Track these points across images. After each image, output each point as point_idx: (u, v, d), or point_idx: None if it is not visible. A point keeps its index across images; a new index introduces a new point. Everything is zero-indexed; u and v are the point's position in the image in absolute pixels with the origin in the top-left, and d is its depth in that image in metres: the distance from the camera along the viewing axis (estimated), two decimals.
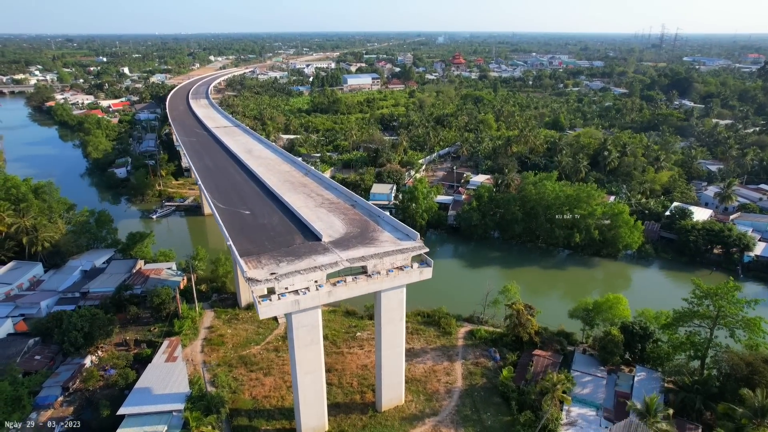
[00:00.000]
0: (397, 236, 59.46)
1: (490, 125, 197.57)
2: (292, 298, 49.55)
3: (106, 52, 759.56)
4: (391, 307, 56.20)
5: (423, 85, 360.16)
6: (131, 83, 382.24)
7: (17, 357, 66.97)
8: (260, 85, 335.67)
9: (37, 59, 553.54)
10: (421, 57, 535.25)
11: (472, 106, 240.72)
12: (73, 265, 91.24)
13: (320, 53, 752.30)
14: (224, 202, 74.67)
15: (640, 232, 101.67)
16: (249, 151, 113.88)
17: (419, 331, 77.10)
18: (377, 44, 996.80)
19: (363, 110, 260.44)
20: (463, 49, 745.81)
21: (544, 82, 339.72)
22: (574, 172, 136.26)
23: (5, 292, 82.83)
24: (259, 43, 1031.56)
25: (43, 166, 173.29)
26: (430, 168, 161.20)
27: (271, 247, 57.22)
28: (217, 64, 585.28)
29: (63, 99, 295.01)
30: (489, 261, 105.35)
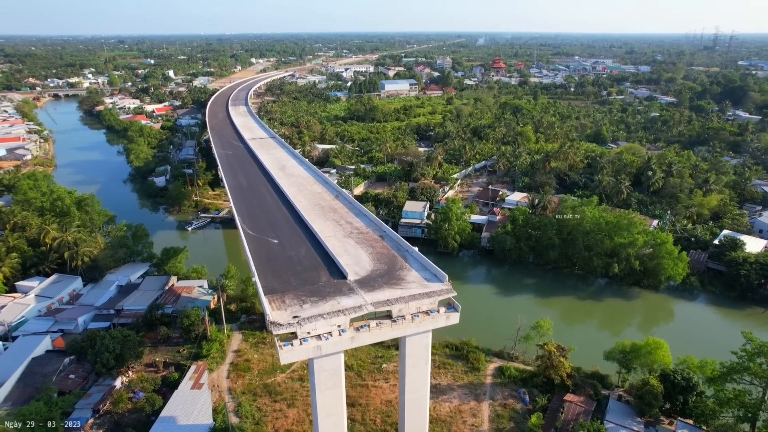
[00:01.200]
0: (425, 276, 57.83)
1: (528, 137, 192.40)
2: (314, 343, 48.70)
3: (154, 53, 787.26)
4: (416, 351, 54.59)
5: (461, 91, 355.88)
6: (175, 86, 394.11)
7: (53, 375, 69.09)
8: (298, 90, 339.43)
9: (91, 62, 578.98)
10: (460, 61, 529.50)
11: (510, 117, 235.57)
12: (110, 279, 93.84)
13: (359, 55, 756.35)
14: (254, 228, 74.82)
15: (685, 264, 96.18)
16: (282, 168, 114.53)
17: (446, 365, 75.20)
18: (417, 46, 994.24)
19: (399, 118, 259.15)
20: (504, 52, 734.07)
21: (586, 90, 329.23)
22: (615, 193, 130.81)
23: (47, 305, 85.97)
24: (300, 44, 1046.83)
25: (89, 172, 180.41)
26: (465, 183, 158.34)
27: (296, 284, 56.64)
28: (258, 67, 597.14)
29: (111, 103, 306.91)
30: (522, 288, 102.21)
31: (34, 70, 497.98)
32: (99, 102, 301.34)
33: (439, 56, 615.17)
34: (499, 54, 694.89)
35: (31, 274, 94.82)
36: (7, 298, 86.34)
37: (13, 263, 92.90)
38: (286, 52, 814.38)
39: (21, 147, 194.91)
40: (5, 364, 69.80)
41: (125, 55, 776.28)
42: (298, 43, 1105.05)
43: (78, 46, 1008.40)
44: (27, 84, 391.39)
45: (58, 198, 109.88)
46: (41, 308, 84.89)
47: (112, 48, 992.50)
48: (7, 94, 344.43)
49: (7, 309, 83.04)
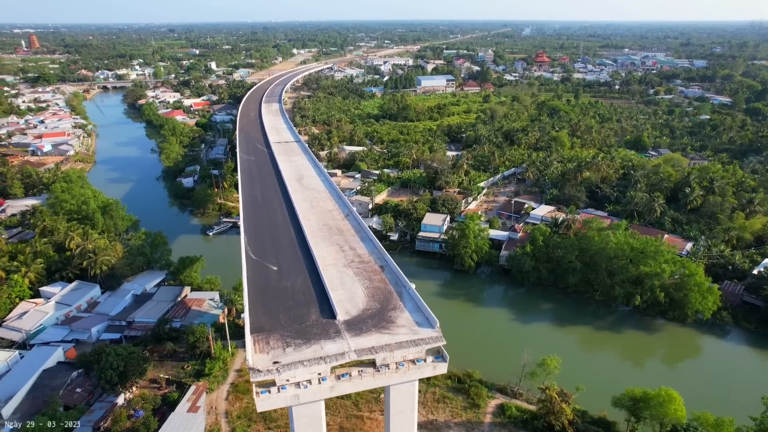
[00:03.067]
0: (417, 319, 55.90)
1: (563, 143, 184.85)
2: (293, 392, 47.92)
3: (200, 43, 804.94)
4: (401, 400, 53.02)
5: (500, 87, 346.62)
6: (216, 79, 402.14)
7: (61, 389, 71.52)
8: (334, 85, 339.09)
9: (140, 52, 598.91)
10: (502, 54, 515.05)
11: (546, 119, 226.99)
12: (126, 288, 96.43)
13: (401, 46, 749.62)
14: (257, 251, 74.60)
15: (716, 297, 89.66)
16: (300, 178, 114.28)
17: (446, 399, 73.09)
18: (460, 36, 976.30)
19: (433, 117, 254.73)
20: (549, 44, 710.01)
21: (631, 88, 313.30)
22: (647, 211, 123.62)
23: (65, 313, 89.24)
24: (343, 33, 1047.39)
25: (125, 169, 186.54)
26: (491, 192, 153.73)
27: (284, 322, 55.95)
28: (299, 58, 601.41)
29: (153, 97, 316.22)
30: (539, 312, 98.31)
31: (88, 61, 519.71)
32: (142, 95, 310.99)
33: (481, 48, 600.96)
34: (545, 46, 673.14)
35: (56, 279, 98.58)
36: (30, 304, 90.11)
37: (38, 268, 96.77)
38: (328, 42, 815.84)
39: (65, 143, 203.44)
40: (18, 375, 72.77)
41: (173, 45, 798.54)
42: (342, 32, 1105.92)
43: (131, 35, 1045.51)
44: (79, 76, 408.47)
45: (84, 202, 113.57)
46: (59, 316, 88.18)
47: (162, 37, 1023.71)
48: (60, 86, 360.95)
49: (28, 316, 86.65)
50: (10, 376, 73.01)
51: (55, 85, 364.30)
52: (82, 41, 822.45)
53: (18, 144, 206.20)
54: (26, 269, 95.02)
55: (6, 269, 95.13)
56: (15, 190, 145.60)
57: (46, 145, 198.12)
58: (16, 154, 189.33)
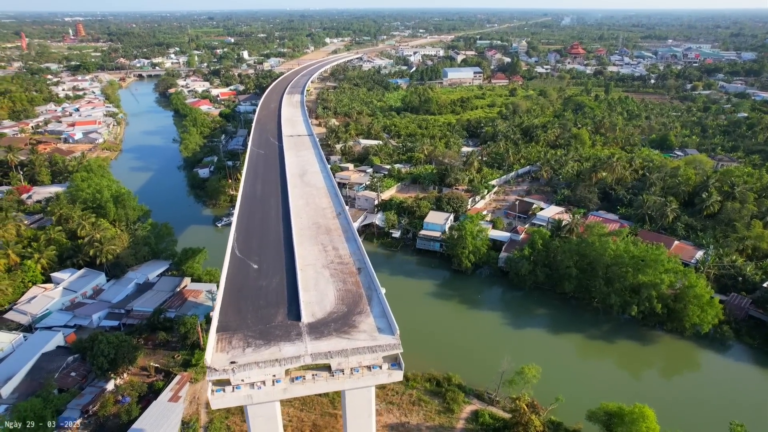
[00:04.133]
0: (379, 325, 56.37)
1: (583, 141, 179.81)
2: (246, 392, 49.40)
3: (236, 31, 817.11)
4: (357, 404, 53.80)
5: (529, 80, 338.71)
6: (246, 68, 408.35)
7: (56, 372, 75.71)
8: (360, 76, 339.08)
9: (176, 41, 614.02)
10: (536, 45, 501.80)
11: (570, 115, 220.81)
12: (130, 277, 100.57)
13: (435, 36, 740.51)
14: (242, 249, 76.35)
15: (717, 311, 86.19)
16: (303, 174, 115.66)
17: (422, 402, 73.43)
18: (497, 25, 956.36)
19: (455, 111, 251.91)
20: (588, 35, 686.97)
21: (667, 83, 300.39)
22: (659, 216, 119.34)
23: (71, 299, 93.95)
24: (379, 22, 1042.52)
25: (148, 158, 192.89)
26: (501, 191, 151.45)
27: (251, 322, 57.39)
28: (331, 47, 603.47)
29: (184, 86, 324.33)
30: (533, 318, 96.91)
31: (128, 49, 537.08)
32: (172, 84, 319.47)
33: (516, 39, 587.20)
34: (583, 36, 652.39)
35: (67, 265, 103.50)
36: (39, 289, 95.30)
37: (51, 255, 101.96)
38: (362, 31, 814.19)
39: (95, 131, 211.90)
40: (19, 358, 77.40)
41: (210, 33, 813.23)
42: (378, 20, 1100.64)
43: (172, 23, 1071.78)
44: (117, 64, 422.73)
45: (99, 191, 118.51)
46: (65, 302, 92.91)
47: (201, 25, 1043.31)
48: (98, 74, 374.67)
49: (37, 300, 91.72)
50: (11, 357, 77.71)
51: (94, 73, 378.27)
52: (125, 29, 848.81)
53: (53, 131, 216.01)
54: (39, 255, 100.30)
55: (21, 255, 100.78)
56: (42, 177, 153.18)
57: (77, 133, 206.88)
58: (49, 142, 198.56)
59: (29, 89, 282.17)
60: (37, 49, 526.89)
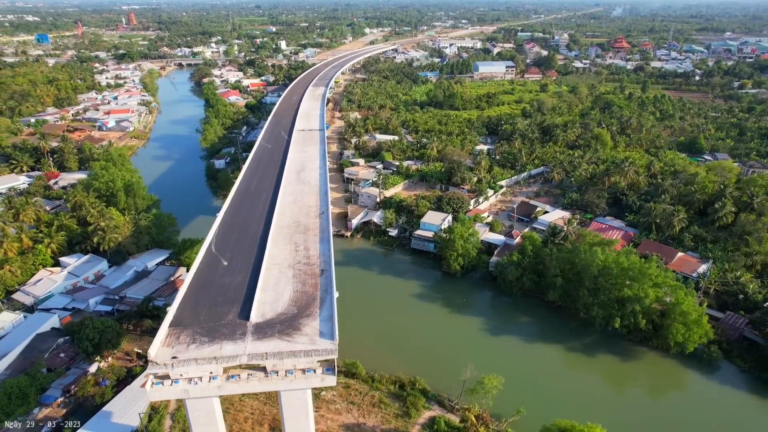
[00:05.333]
0: (323, 329, 57.64)
1: (604, 142, 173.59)
2: (183, 387, 51.84)
3: (279, 20, 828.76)
4: (293, 406, 55.33)
5: (564, 75, 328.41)
6: (282, 59, 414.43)
7: (47, 353, 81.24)
8: (390, 69, 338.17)
9: (219, 30, 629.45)
10: (577, 38, 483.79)
11: (597, 114, 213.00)
12: (130, 264, 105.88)
13: (476, 27, 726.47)
14: (218, 245, 79.10)
15: (705, 331, 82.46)
16: (301, 170, 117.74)
17: (383, 404, 74.28)
18: (543, 16, 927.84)
19: (480, 106, 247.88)
20: (638, 27, 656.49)
21: (712, 81, 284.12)
22: (666, 225, 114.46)
23: (72, 283, 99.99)
24: (423, 12, 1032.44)
25: (173, 147, 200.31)
26: (510, 192, 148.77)
27: (203, 319, 59.84)
28: (369, 38, 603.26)
29: (219, 75, 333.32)
30: (513, 326, 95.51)
31: (173, 38, 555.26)
32: (207, 74, 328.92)
33: (559, 31, 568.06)
34: (633, 29, 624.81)
35: (75, 251, 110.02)
36: (47, 272, 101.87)
37: (61, 240, 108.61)
38: (404, 21, 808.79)
39: (127, 119, 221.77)
40: (16, 337, 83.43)
41: (254, 22, 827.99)
42: (422, 10, 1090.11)
43: (221, 12, 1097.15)
44: (160, 53, 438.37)
45: (112, 180, 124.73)
46: (67, 285, 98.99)
47: (248, 13, 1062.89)
48: (141, 63, 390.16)
49: (42, 283, 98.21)
50: (9, 336, 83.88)
51: (138, 61, 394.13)
52: (175, 18, 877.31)
53: (89, 119, 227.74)
54: (49, 240, 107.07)
55: (33, 239, 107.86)
56: (70, 164, 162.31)
57: (110, 121, 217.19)
58: (84, 129, 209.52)
59: (74, 77, 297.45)
60: (90, 38, 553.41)
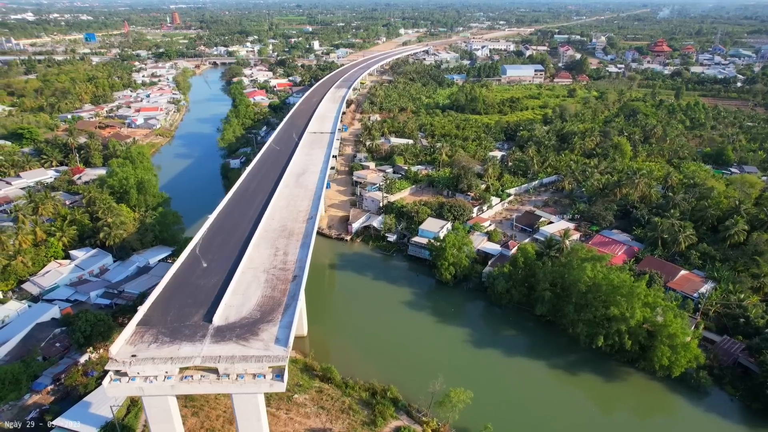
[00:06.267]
0: (279, 336, 59.01)
1: (623, 151, 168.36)
2: (139, 384, 54.16)
3: (317, 20, 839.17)
4: (244, 409, 56.81)
5: (595, 80, 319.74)
6: (314, 59, 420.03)
7: (43, 342, 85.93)
8: (416, 71, 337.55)
9: (257, 29, 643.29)
10: (615, 42, 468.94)
11: (621, 121, 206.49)
12: (133, 260, 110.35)
13: (513, 29, 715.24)
14: (203, 247, 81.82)
15: (694, 355, 79.27)
16: (301, 174, 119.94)
17: (351, 410, 74.91)
18: (585, 18, 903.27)
19: (503, 111, 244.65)
20: (685, 29, 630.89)
21: (754, 87, 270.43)
22: (672, 242, 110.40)
23: (78, 275, 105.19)
24: (461, 12, 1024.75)
25: (195, 145, 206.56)
26: (518, 200, 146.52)
27: (170, 319, 62.25)
28: (403, 39, 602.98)
29: (249, 74, 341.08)
30: (498, 338, 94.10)
31: (212, 37, 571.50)
32: (238, 73, 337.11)
33: (597, 34, 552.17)
34: (678, 31, 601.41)
35: (86, 244, 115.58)
36: (56, 264, 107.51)
37: (72, 234, 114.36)
38: (440, 21, 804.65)
39: (154, 117, 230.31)
40: (18, 325, 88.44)
41: (292, 21, 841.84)
42: (461, 10, 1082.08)
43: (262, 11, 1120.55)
44: (197, 52, 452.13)
45: (125, 177, 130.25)
46: (73, 278, 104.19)
47: (288, 12, 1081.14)
48: (177, 61, 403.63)
49: (50, 274, 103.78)
50: (12, 324, 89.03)
51: (175, 60, 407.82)
52: (216, 17, 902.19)
53: (121, 116, 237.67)
54: (61, 234, 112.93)
55: (47, 231, 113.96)
56: (95, 160, 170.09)
57: (139, 118, 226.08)
58: (114, 126, 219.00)
59: (113, 75, 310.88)
60: (134, 37, 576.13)
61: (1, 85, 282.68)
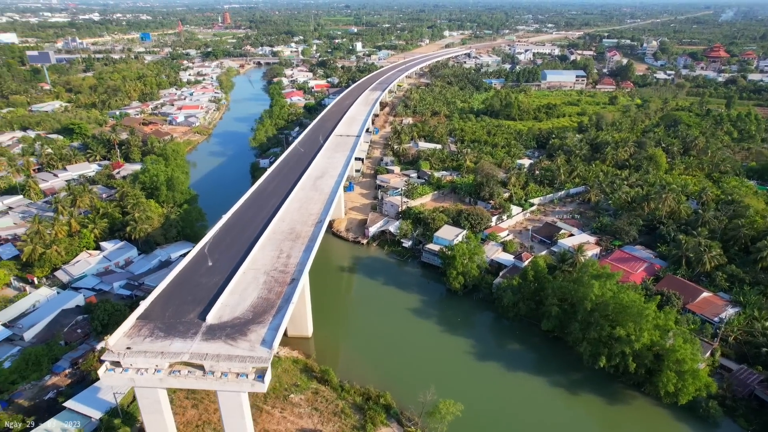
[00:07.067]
0: (266, 337, 60.90)
1: (658, 164, 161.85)
2: (131, 375, 57.28)
3: (363, 20, 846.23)
4: (228, 406, 58.88)
5: (641, 87, 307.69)
6: (355, 60, 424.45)
7: (66, 327, 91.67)
8: (454, 74, 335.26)
9: (303, 29, 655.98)
10: (668, 47, 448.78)
11: (661, 132, 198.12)
12: (156, 254, 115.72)
13: (562, 32, 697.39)
14: (211, 246, 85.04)
15: (704, 383, 75.76)
16: (319, 177, 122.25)
17: (344, 414, 76.01)
18: (640, 21, 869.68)
19: (538, 117, 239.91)
20: (749, 33, 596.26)
21: None
22: (697, 262, 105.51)
23: (104, 266, 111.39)
24: (510, 14, 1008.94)
25: (230, 144, 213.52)
26: (541, 210, 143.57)
27: (168, 315, 65.33)
28: (447, 41, 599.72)
29: (290, 75, 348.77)
30: (502, 352, 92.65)
31: (259, 37, 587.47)
32: (279, 73, 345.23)
33: (649, 38, 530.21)
34: (742, 35, 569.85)
35: (115, 237, 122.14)
36: (86, 254, 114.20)
37: (103, 226, 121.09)
38: (487, 24, 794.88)
39: (194, 115, 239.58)
40: (45, 310, 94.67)
41: (339, 22, 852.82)
42: (509, 12, 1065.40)
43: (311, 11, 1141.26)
44: (242, 51, 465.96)
45: (155, 174, 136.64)
46: (100, 268, 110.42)
47: (336, 13, 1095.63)
48: (223, 61, 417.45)
49: (79, 264, 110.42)
50: (41, 309, 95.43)
51: (221, 59, 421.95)
52: (266, 17, 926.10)
53: (164, 113, 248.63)
54: (93, 226, 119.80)
55: (81, 223, 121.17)
56: (134, 155, 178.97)
57: (180, 116, 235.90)
58: (156, 123, 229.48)
59: (160, 74, 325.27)
60: (186, 36, 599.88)
61: (61, 82, 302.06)
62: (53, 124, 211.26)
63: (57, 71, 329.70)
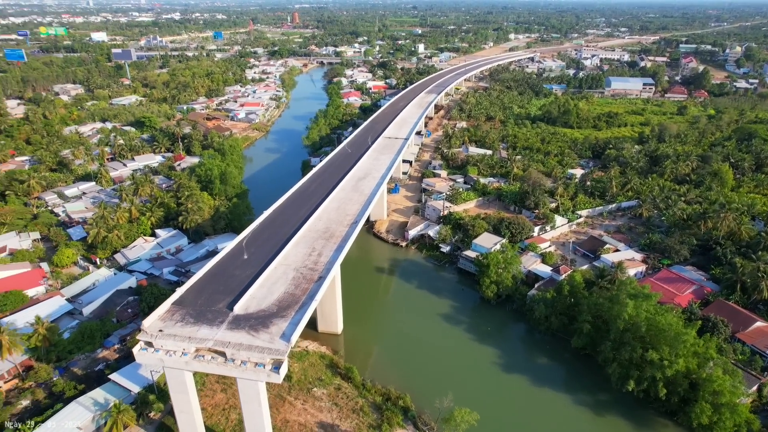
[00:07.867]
0: (286, 331, 63.69)
1: (723, 180, 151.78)
2: (161, 356, 61.87)
3: (429, 22, 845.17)
4: (247, 392, 62.03)
5: (716, 96, 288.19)
6: (416, 61, 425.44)
7: (118, 306, 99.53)
8: (514, 79, 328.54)
9: (368, 29, 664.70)
10: (754, 53, 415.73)
11: (732, 146, 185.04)
12: (204, 243, 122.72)
13: (635, 36, 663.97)
14: (250, 240, 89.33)
15: (744, 419, 71.17)
16: (362, 178, 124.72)
17: (362, 412, 77.72)
18: (726, 24, 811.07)
19: (598, 126, 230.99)
20: None
21: None
22: (753, 288, 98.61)
23: (157, 252, 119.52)
24: (581, 17, 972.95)
25: (285, 141, 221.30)
26: (587, 223, 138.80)
27: (200, 302, 69.78)
28: (511, 44, 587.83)
29: (350, 75, 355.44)
30: (532, 366, 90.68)
31: (324, 37, 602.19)
32: (339, 73, 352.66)
33: (736, 42, 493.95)
34: None
35: (169, 225, 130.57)
36: (142, 240, 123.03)
37: (159, 215, 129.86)
38: (555, 27, 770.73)
39: (254, 112, 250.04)
40: (103, 289, 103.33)
41: (404, 23, 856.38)
42: (581, 15, 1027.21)
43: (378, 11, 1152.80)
44: (306, 51, 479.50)
45: (209, 168, 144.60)
46: (153, 254, 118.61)
47: (403, 14, 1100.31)
48: (288, 60, 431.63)
49: (135, 249, 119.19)
50: (99, 287, 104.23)
51: (285, 58, 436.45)
52: (334, 17, 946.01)
53: (227, 109, 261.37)
54: (150, 214, 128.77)
55: (140, 211, 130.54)
56: (195, 149, 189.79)
57: (241, 112, 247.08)
58: (219, 118, 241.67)
59: (227, 71, 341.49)
60: (255, 35, 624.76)
61: (139, 78, 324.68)
62: (128, 117, 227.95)
63: (137, 67, 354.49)
